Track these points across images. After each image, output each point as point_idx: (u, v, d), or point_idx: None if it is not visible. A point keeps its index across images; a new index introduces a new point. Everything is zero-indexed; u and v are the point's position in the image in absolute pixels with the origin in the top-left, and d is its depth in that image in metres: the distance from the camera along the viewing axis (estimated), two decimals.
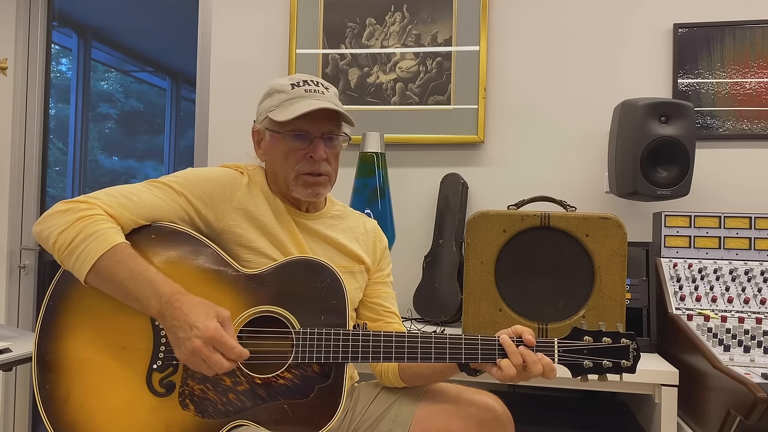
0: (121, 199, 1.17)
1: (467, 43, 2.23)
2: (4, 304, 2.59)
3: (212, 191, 1.24)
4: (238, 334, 1.14)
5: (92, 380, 1.11)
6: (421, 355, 1.15)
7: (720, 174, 2.08)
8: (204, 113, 2.45)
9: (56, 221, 1.11)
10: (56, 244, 1.10)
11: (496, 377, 1.14)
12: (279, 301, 1.17)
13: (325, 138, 1.27)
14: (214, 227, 1.24)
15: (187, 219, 1.23)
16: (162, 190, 1.22)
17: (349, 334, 1.15)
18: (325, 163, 1.27)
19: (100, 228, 1.10)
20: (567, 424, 1.77)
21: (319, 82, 1.30)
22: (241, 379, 1.13)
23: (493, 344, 1.14)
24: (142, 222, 1.18)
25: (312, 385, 1.14)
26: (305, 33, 2.34)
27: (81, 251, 1.08)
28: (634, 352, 1.14)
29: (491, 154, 2.24)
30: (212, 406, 1.12)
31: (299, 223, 1.31)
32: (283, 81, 1.30)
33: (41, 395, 1.11)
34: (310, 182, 1.27)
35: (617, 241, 1.59)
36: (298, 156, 1.26)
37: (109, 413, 1.10)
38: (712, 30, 2.09)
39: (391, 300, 1.42)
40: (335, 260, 1.27)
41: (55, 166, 3.38)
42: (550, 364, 1.12)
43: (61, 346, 1.12)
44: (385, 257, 1.44)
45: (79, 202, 1.13)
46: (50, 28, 2.74)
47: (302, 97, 1.26)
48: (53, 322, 1.13)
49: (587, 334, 1.15)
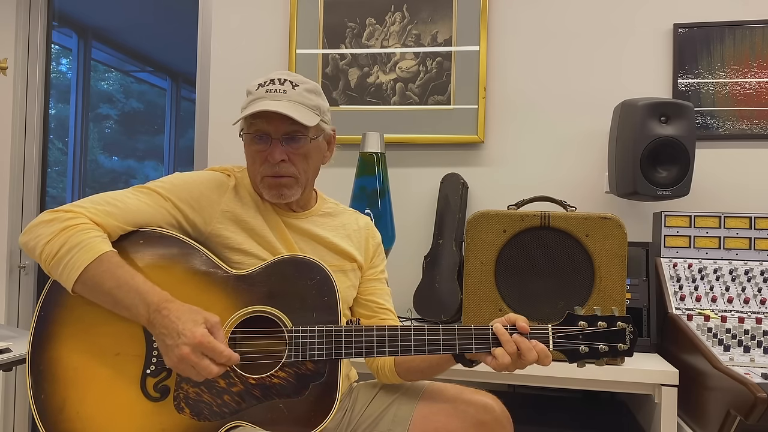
0: (107, 207, 1.16)
1: (467, 43, 2.23)
2: (4, 304, 2.59)
3: (199, 195, 1.24)
4: (230, 336, 1.14)
5: (87, 388, 1.11)
6: (415, 347, 1.15)
7: (720, 174, 2.08)
8: (204, 113, 2.45)
9: (41, 231, 1.11)
10: (42, 255, 1.10)
11: (491, 366, 1.14)
12: (270, 301, 1.17)
13: (286, 138, 1.23)
14: (202, 231, 1.23)
15: (175, 224, 1.22)
16: (148, 196, 1.22)
17: (341, 330, 1.15)
18: (287, 165, 1.23)
19: (86, 237, 1.09)
20: (567, 424, 1.77)
21: (286, 80, 1.26)
22: (235, 380, 1.13)
23: (487, 333, 1.14)
24: (129, 228, 1.17)
25: (307, 383, 1.14)
26: (305, 33, 2.34)
27: (67, 262, 1.08)
28: (631, 335, 1.12)
29: (491, 154, 2.24)
30: (208, 409, 1.12)
31: (288, 222, 1.30)
32: (256, 81, 1.27)
33: (37, 406, 1.11)
34: (272, 184, 1.25)
35: (617, 241, 1.59)
36: (261, 158, 1.24)
37: (105, 420, 1.10)
38: (712, 30, 2.09)
39: (385, 297, 1.41)
40: (326, 259, 1.26)
41: (55, 166, 3.38)
42: (544, 350, 1.11)
43: (54, 356, 1.12)
44: (379, 254, 1.43)
45: (64, 212, 1.13)
46: (50, 28, 2.74)
47: (260, 98, 1.23)
48: (45, 332, 1.13)
49: (582, 318, 1.14)
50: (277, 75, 1.27)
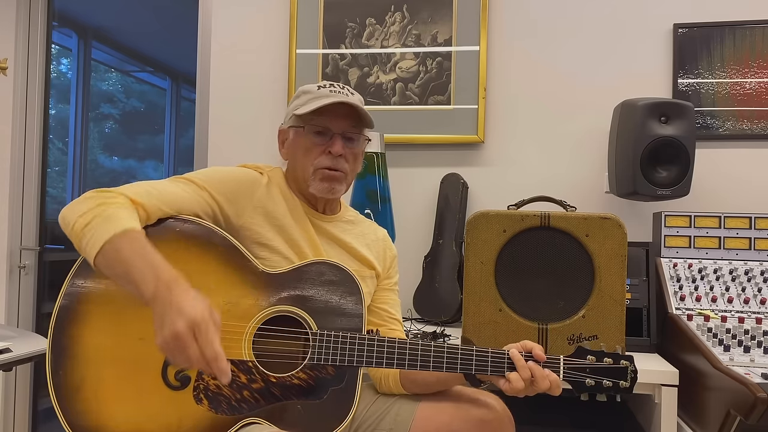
0: (148, 188, 1.19)
1: (467, 43, 2.23)
2: (4, 304, 2.59)
3: (235, 188, 1.27)
4: (255, 332, 1.15)
5: (107, 369, 1.11)
6: (434, 364, 1.17)
7: (720, 174, 2.08)
8: (204, 113, 2.45)
9: (80, 207, 1.12)
10: (75, 226, 1.09)
11: (503, 389, 1.17)
12: (297, 302, 1.18)
13: (345, 137, 1.30)
14: (233, 224, 1.26)
15: (210, 213, 1.24)
16: (186, 185, 1.25)
17: (365, 338, 1.17)
18: (343, 160, 1.30)
19: (118, 213, 1.10)
20: (567, 424, 1.77)
21: (345, 87, 1.35)
22: (256, 376, 1.14)
23: (503, 357, 1.17)
24: (168, 210, 1.19)
25: (326, 387, 1.15)
26: (305, 33, 2.34)
27: (94, 232, 1.07)
28: (632, 374, 1.19)
29: (491, 154, 2.24)
30: (226, 402, 1.12)
31: (315, 224, 1.33)
32: (312, 85, 1.35)
33: (54, 381, 1.10)
34: (327, 176, 1.29)
35: (617, 241, 1.59)
36: (318, 151, 1.30)
37: (121, 403, 1.10)
38: (712, 30, 2.09)
39: (396, 307, 1.45)
40: (348, 264, 1.28)
41: (55, 166, 3.38)
42: (557, 380, 1.16)
43: (77, 333, 1.12)
44: (394, 266, 1.48)
45: (106, 191, 1.15)
46: (50, 28, 2.74)
47: (326, 96, 1.30)
48: (72, 308, 1.12)
49: (590, 353, 1.20)
50: (331, 82, 1.35)
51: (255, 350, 1.16)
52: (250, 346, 1.15)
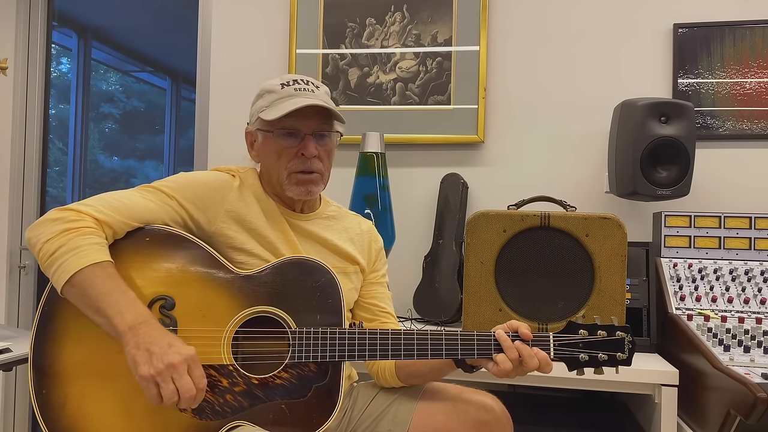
0: (114, 203, 1.17)
1: (467, 43, 2.23)
2: (4, 304, 2.59)
3: (203, 194, 1.24)
4: (234, 335, 1.14)
5: (89, 384, 1.11)
6: (418, 351, 1.16)
7: (720, 174, 2.08)
8: (204, 113, 2.45)
9: (44, 229, 1.11)
10: (40, 252, 1.10)
11: (492, 372, 1.14)
12: (274, 302, 1.17)
13: (316, 135, 1.27)
14: (205, 230, 1.24)
15: (180, 222, 1.23)
16: (154, 194, 1.22)
17: (345, 332, 1.15)
18: (317, 161, 1.27)
19: (85, 243, 1.09)
20: (567, 424, 1.77)
21: (309, 81, 1.30)
22: (238, 379, 1.13)
23: (489, 339, 1.15)
24: (135, 224, 1.17)
25: (309, 385, 1.15)
26: (305, 33, 2.34)
27: (61, 263, 1.07)
28: (630, 345, 1.14)
29: (491, 154, 2.24)
30: (209, 408, 1.12)
31: (293, 224, 1.31)
32: (274, 81, 1.30)
33: (38, 401, 1.10)
34: (302, 180, 1.27)
35: (617, 241, 1.59)
36: (289, 154, 1.26)
37: (106, 417, 1.10)
38: (712, 30, 2.09)
39: (386, 300, 1.42)
40: (329, 261, 1.26)
41: (55, 166, 3.38)
42: (546, 358, 1.13)
43: (57, 351, 1.12)
44: (380, 258, 1.44)
45: (70, 211, 1.13)
46: (50, 28, 2.74)
47: (291, 96, 1.25)
48: (49, 327, 1.13)
49: (582, 327, 1.15)
50: (294, 77, 1.30)
51: (235, 353, 1.15)
52: (229, 350, 1.14)
